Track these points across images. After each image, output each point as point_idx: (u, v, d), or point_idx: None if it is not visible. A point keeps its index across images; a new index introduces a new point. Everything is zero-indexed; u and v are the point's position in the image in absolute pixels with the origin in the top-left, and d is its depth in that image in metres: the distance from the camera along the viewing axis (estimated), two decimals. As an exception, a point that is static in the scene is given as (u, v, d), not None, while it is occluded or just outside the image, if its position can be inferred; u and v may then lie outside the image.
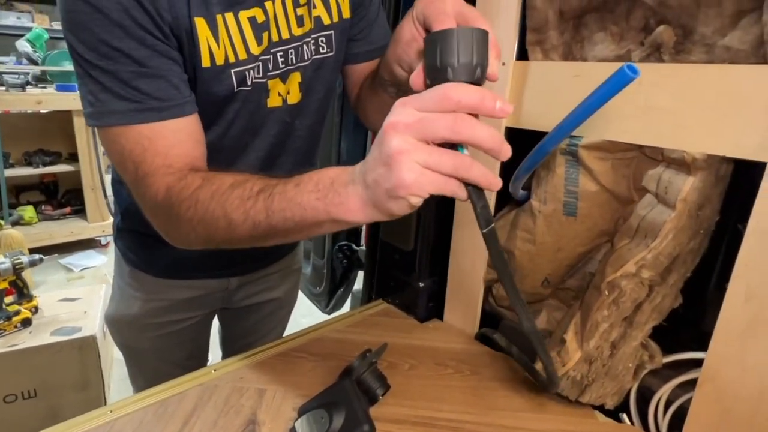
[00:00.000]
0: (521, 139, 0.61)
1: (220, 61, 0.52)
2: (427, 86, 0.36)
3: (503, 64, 0.62)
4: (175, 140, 0.50)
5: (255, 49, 0.54)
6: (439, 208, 0.75)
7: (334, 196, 0.38)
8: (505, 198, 0.70)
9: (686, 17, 0.49)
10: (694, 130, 0.48)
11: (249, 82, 0.56)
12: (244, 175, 0.47)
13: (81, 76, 0.48)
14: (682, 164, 0.50)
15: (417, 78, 0.38)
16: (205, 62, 0.51)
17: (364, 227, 1.14)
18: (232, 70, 0.54)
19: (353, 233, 1.21)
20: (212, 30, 0.50)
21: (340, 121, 1.19)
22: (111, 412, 0.55)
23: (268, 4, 0.54)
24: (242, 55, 0.53)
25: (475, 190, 0.36)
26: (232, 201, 0.45)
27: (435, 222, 0.76)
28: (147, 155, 0.49)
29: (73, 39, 0.46)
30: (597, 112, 0.50)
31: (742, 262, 0.46)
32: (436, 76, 0.35)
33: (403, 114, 0.34)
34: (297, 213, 0.40)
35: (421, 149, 0.34)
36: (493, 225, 0.37)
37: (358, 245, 1.18)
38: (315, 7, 0.59)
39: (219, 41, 0.51)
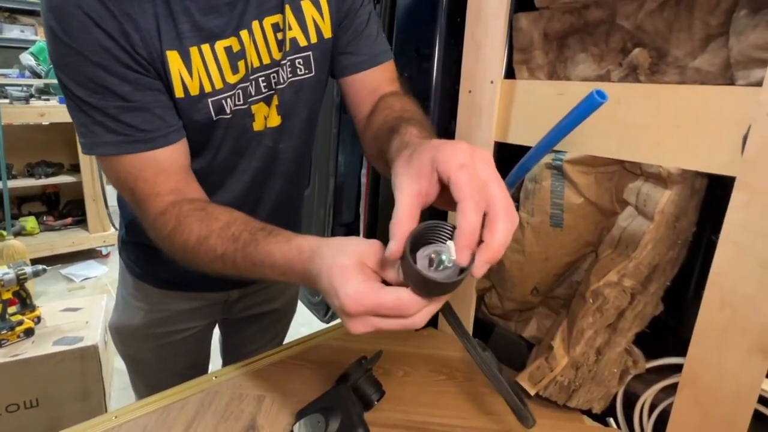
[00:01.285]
0: (509, 153, 0.64)
1: (194, 92, 0.54)
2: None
3: (491, 82, 0.65)
4: (160, 168, 0.53)
5: (230, 78, 0.55)
6: (431, 218, 0.77)
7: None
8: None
9: (660, 40, 0.52)
10: (669, 147, 0.51)
11: (228, 111, 0.57)
12: (209, 225, 0.50)
13: (73, 109, 0.51)
14: (659, 178, 0.53)
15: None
16: (179, 93, 0.53)
17: (361, 236, 1.16)
18: (209, 100, 0.55)
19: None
20: (185, 62, 0.52)
21: (337, 133, 1.22)
22: (115, 417, 0.57)
23: (243, 33, 0.55)
24: (218, 85, 0.55)
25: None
26: (201, 257, 0.50)
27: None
28: (138, 182, 0.52)
29: (63, 77, 0.49)
30: (580, 128, 0.53)
31: (716, 271, 0.48)
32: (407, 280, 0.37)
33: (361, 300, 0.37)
34: (257, 276, 0.47)
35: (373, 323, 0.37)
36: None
37: (356, 255, 1.20)
38: (291, 29, 0.58)
39: (192, 72, 0.53)
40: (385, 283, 0.39)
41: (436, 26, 0.70)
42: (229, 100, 0.56)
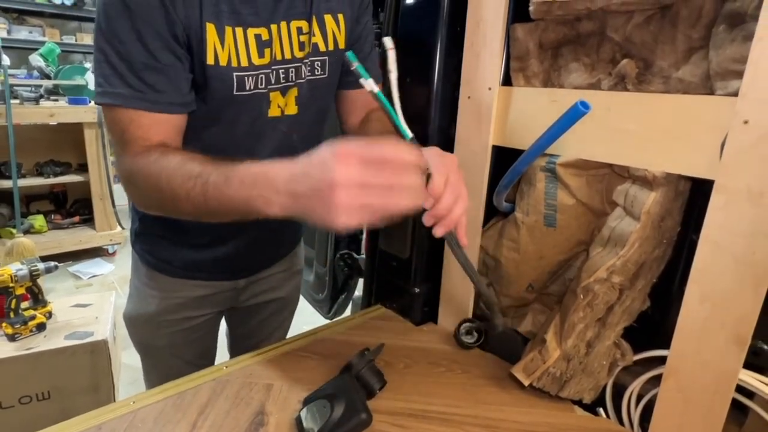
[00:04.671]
0: (506, 156, 0.68)
1: (223, 63, 0.60)
2: None
3: (490, 89, 0.69)
4: (158, 126, 0.59)
5: (256, 60, 0.62)
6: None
7: (258, 197, 0.47)
8: (493, 210, 0.76)
9: (647, 52, 0.55)
10: (654, 151, 0.54)
11: (247, 88, 0.63)
12: (192, 154, 0.55)
13: (99, 62, 0.57)
14: (645, 181, 0.56)
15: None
16: (210, 60, 0.59)
17: (364, 237, 1.20)
18: (234, 74, 0.61)
19: (354, 242, 1.27)
20: (219, 36, 0.59)
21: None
22: (133, 403, 0.61)
23: (273, 27, 0.63)
24: (244, 63, 0.61)
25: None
26: (175, 179, 0.53)
27: (429, 232, 0.82)
28: (132, 126, 0.58)
29: (104, 26, 0.55)
30: (572, 133, 0.57)
31: (696, 268, 0.52)
32: None
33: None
34: (226, 203, 0.49)
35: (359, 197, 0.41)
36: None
37: (359, 253, 1.24)
38: (314, 35, 0.68)
39: (224, 46, 0.60)
40: None
41: (437, 35, 0.74)
42: (251, 78, 0.63)
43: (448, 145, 0.76)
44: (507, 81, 0.69)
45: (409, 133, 0.53)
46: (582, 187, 0.63)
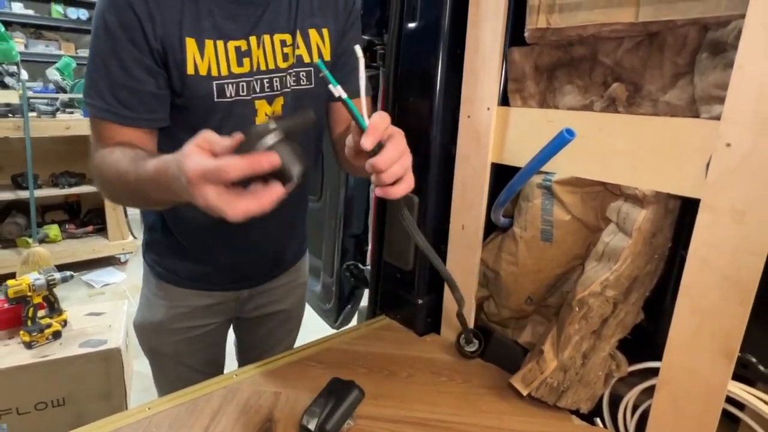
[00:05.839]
0: (504, 173, 0.71)
1: (203, 72, 0.66)
2: None
3: (488, 109, 0.72)
4: (124, 134, 0.66)
5: (235, 69, 0.68)
6: (435, 232, 0.84)
7: (166, 195, 0.53)
8: (493, 226, 0.78)
9: (636, 76, 0.58)
10: (644, 171, 0.57)
11: (228, 95, 0.68)
12: (125, 150, 0.62)
13: (86, 74, 0.65)
14: (637, 199, 0.58)
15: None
16: (190, 71, 0.65)
17: (369, 248, 1.23)
18: (213, 82, 0.66)
19: (360, 253, 1.30)
20: (200, 49, 0.65)
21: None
22: (149, 409, 0.64)
23: (252, 39, 0.68)
24: (224, 72, 0.67)
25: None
26: (111, 175, 0.61)
27: (432, 245, 0.85)
28: (103, 131, 0.66)
29: (92, 45, 0.63)
30: (567, 152, 0.59)
31: (686, 283, 0.54)
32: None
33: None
34: (150, 199, 0.58)
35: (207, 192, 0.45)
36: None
37: (365, 264, 1.26)
38: (298, 48, 0.72)
39: (204, 57, 0.65)
40: None
41: (438, 57, 0.77)
42: (230, 86, 0.68)
43: (449, 161, 0.79)
44: (505, 101, 0.72)
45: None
46: (577, 203, 0.66)
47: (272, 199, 0.46)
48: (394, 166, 0.50)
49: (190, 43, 0.64)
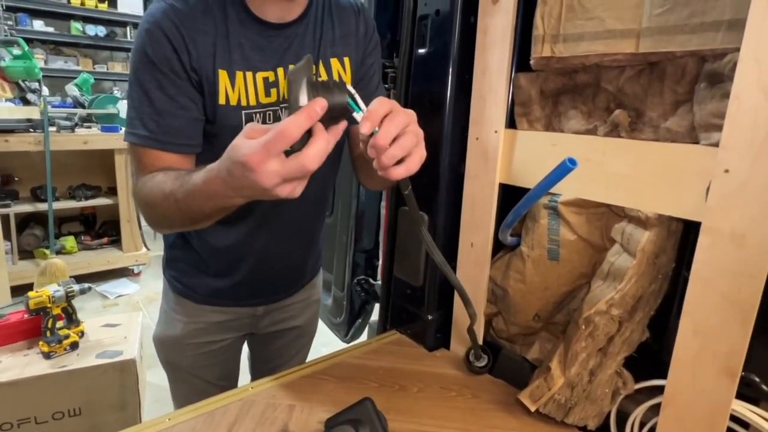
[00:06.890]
0: (512, 194, 0.73)
1: (233, 102, 0.69)
2: None
3: (496, 131, 0.75)
4: (164, 160, 0.68)
5: (263, 99, 0.71)
6: (444, 249, 0.86)
7: (221, 201, 0.55)
8: (501, 244, 0.81)
9: (638, 103, 0.61)
10: (646, 193, 0.59)
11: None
12: (167, 172, 0.64)
13: (128, 105, 0.68)
14: (640, 220, 0.60)
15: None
16: (221, 101, 0.69)
17: (380, 264, 1.26)
18: (243, 111, 0.70)
19: (371, 268, 1.32)
20: (231, 80, 0.69)
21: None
22: (169, 420, 0.66)
23: (280, 70, 0.72)
24: (252, 102, 0.71)
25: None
26: (157, 197, 0.62)
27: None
28: (144, 158, 0.68)
29: (133, 75, 0.66)
30: (573, 175, 0.61)
31: (688, 303, 0.56)
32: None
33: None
34: (199, 212, 0.59)
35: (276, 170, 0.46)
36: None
37: (375, 279, 1.29)
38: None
39: (235, 88, 0.69)
40: None
41: (447, 81, 0.80)
42: (258, 115, 0.72)
43: (458, 181, 0.82)
44: (512, 124, 0.75)
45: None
46: (582, 224, 0.68)
47: (338, 132, 0.48)
48: (393, 147, 0.48)
49: (222, 75, 0.68)
